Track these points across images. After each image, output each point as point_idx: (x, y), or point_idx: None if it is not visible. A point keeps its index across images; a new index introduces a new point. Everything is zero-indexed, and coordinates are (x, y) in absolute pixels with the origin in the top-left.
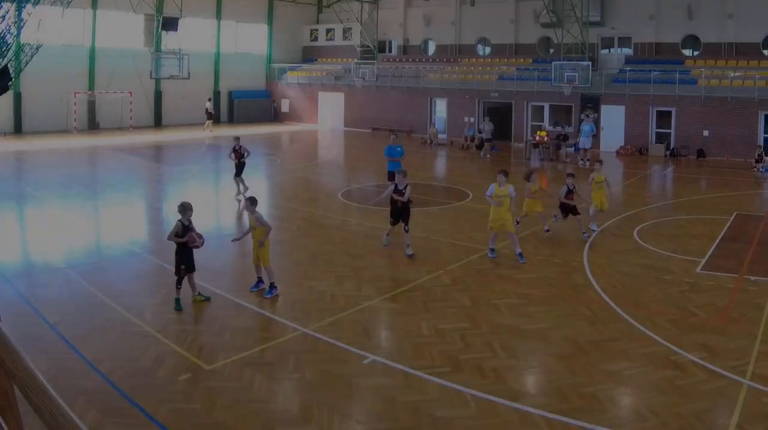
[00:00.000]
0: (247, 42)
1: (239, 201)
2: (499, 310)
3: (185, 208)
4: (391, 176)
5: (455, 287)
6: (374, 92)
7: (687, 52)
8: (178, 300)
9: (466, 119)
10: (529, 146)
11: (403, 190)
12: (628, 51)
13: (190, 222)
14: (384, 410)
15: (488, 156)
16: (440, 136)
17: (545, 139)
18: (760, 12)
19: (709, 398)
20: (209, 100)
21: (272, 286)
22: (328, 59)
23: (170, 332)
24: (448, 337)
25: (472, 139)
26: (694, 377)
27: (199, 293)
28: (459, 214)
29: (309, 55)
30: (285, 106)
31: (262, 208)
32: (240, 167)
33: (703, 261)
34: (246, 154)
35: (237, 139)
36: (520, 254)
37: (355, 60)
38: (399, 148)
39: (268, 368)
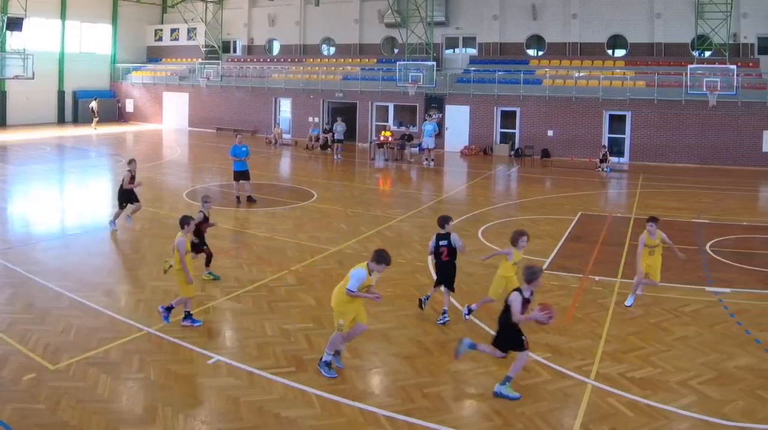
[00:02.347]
0: (91, 42)
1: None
2: None
3: (208, 200)
4: (237, 176)
5: (300, 287)
6: (219, 92)
7: (531, 52)
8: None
9: (310, 119)
10: (373, 146)
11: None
12: (473, 51)
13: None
14: (228, 409)
15: (339, 157)
16: (285, 136)
17: (390, 139)
18: (603, 12)
19: (554, 398)
20: (95, 99)
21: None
22: (173, 59)
23: (14, 331)
24: (293, 337)
25: (317, 139)
26: (538, 377)
27: (210, 272)
28: (303, 214)
29: (154, 55)
30: (130, 106)
31: (104, 209)
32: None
33: (548, 261)
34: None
35: (132, 162)
36: None
37: (200, 60)
38: (244, 148)
39: (112, 368)
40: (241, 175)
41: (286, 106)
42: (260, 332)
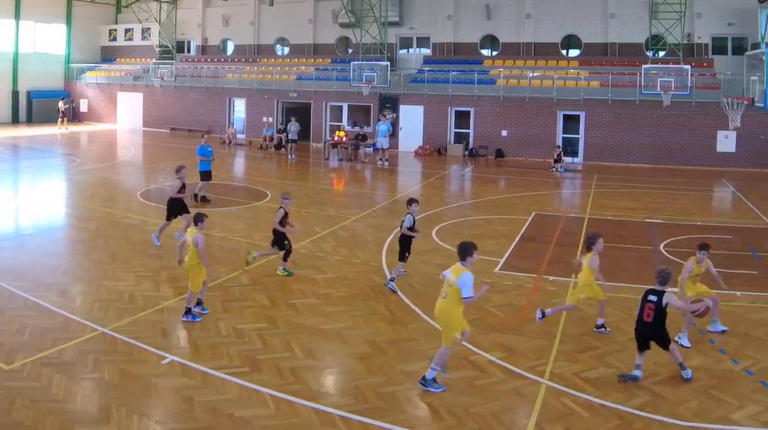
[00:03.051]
0: (45, 42)
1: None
2: (297, 310)
3: (288, 197)
4: (204, 176)
5: (254, 287)
6: (173, 92)
7: (486, 52)
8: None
9: (264, 119)
10: (327, 146)
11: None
12: (427, 51)
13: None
14: (183, 409)
15: (293, 157)
16: (239, 136)
17: (344, 139)
18: (557, 12)
19: (508, 398)
20: (62, 99)
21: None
22: (127, 59)
23: None
24: (247, 337)
25: (271, 140)
26: (492, 377)
27: (284, 268)
28: (258, 214)
29: (108, 55)
30: (84, 106)
31: (59, 209)
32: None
33: (502, 261)
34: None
35: (182, 169)
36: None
37: (154, 60)
38: (210, 149)
39: (67, 368)
40: (208, 175)
41: (240, 106)
42: (214, 332)
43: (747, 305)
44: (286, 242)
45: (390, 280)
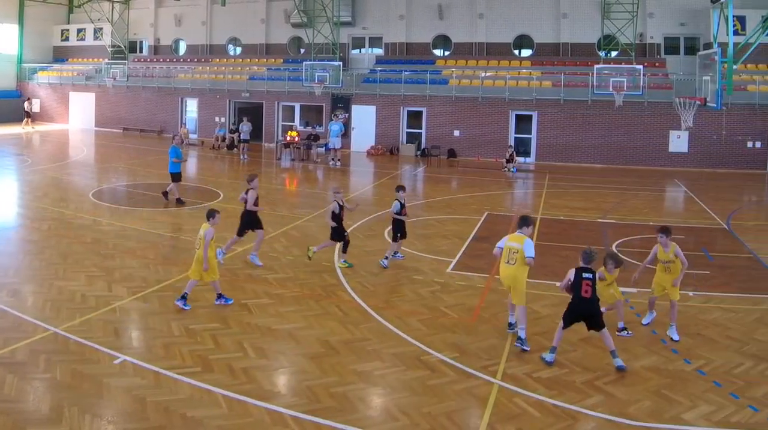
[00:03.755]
0: None
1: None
2: (249, 310)
3: (339, 191)
4: (175, 177)
5: (206, 287)
6: (125, 92)
7: (438, 52)
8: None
9: (217, 119)
10: (279, 146)
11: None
12: (379, 51)
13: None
14: (135, 409)
15: (246, 157)
16: (191, 136)
17: (296, 139)
18: (510, 12)
19: (460, 398)
20: (27, 99)
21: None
22: (80, 59)
23: None
24: (199, 337)
25: (223, 139)
26: (445, 377)
27: (345, 260)
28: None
29: (60, 55)
30: (36, 106)
31: (10, 209)
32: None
33: (454, 261)
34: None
35: (255, 178)
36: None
37: (106, 60)
38: (180, 150)
39: (18, 368)
40: (179, 176)
41: (192, 106)
42: (167, 331)
43: (699, 305)
44: (345, 234)
45: (384, 258)
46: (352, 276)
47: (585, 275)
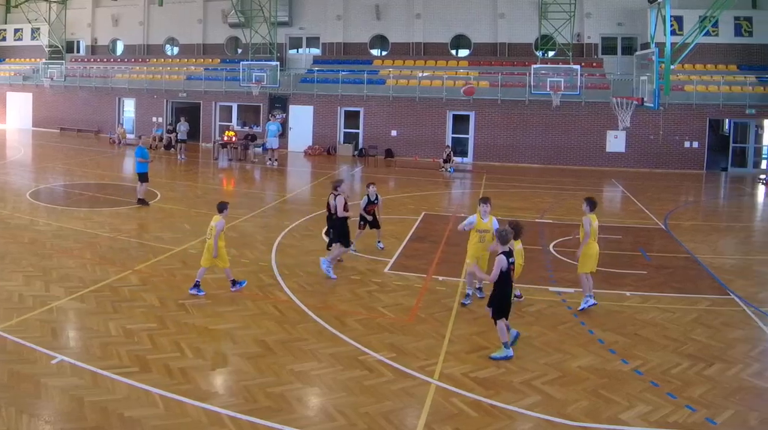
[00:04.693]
0: None
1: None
2: (187, 310)
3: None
4: (143, 178)
5: (143, 287)
6: (63, 92)
7: (375, 52)
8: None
9: (154, 119)
10: (217, 146)
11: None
12: (317, 51)
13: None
14: (72, 409)
15: (183, 157)
16: (129, 136)
17: (233, 139)
18: (447, 12)
19: (398, 398)
20: None
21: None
22: (17, 59)
23: None
24: (137, 337)
25: (161, 139)
26: (382, 377)
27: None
28: (148, 214)
29: None
30: None
31: None
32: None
33: (392, 261)
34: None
35: (341, 182)
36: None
37: (44, 60)
38: (146, 150)
39: None
40: (146, 176)
41: (129, 106)
42: (104, 332)
43: (636, 305)
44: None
45: (378, 241)
46: (289, 276)
47: (511, 259)
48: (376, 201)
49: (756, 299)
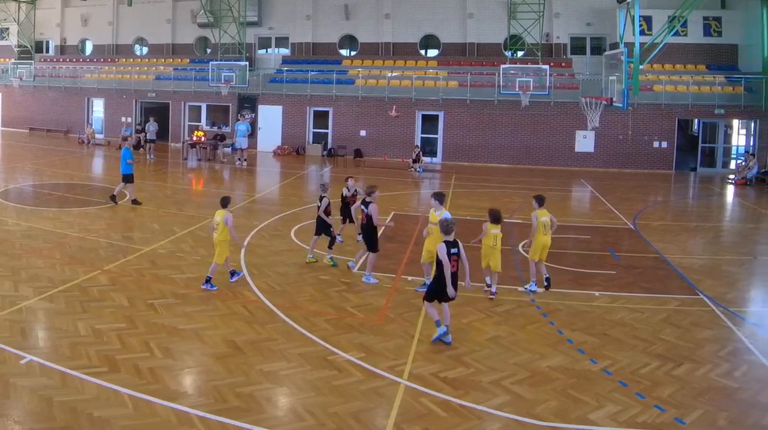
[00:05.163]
0: None
1: None
2: (156, 310)
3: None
4: (129, 179)
5: (112, 287)
6: (32, 92)
7: (344, 52)
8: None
9: (123, 119)
10: (186, 146)
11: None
12: (286, 51)
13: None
14: (41, 409)
15: (152, 157)
16: (98, 136)
17: (202, 139)
18: (416, 12)
19: (367, 398)
20: None
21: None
22: None
23: None
24: (106, 337)
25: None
26: (351, 377)
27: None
28: (116, 214)
29: None
30: None
31: None
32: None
33: (361, 261)
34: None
35: (375, 190)
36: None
37: (13, 60)
38: (131, 151)
39: None
40: (132, 177)
41: (98, 106)
42: (73, 332)
43: (605, 305)
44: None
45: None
46: (258, 276)
47: (453, 250)
48: (354, 194)
49: (725, 299)
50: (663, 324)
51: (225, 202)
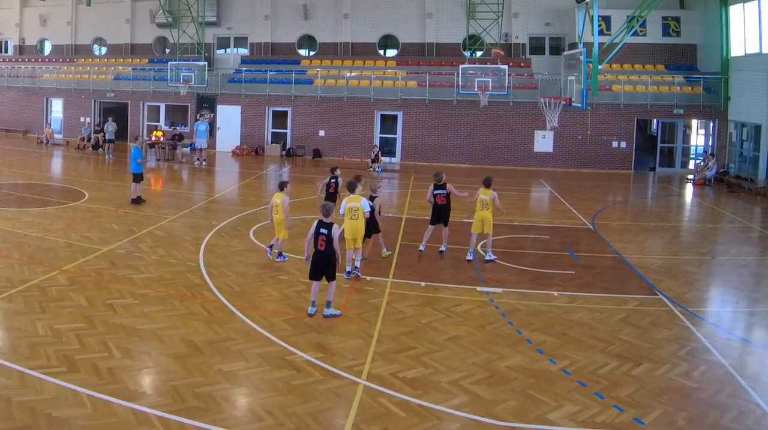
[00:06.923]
0: None
1: None
2: (114, 310)
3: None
4: (138, 178)
5: (71, 287)
6: None
7: (303, 52)
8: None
9: (82, 119)
10: (145, 146)
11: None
12: (245, 51)
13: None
14: (0, 409)
15: (111, 156)
16: (56, 136)
17: (161, 139)
18: (375, 12)
19: (326, 398)
20: None
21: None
22: None
23: None
24: (64, 337)
25: (88, 139)
26: (310, 377)
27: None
28: (75, 214)
29: None
30: None
31: None
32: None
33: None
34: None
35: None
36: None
37: None
38: (141, 150)
39: None
40: (141, 176)
41: (57, 106)
42: (32, 331)
43: (564, 305)
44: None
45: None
46: (217, 276)
47: (322, 230)
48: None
49: (684, 299)
50: (622, 324)
51: (282, 186)
